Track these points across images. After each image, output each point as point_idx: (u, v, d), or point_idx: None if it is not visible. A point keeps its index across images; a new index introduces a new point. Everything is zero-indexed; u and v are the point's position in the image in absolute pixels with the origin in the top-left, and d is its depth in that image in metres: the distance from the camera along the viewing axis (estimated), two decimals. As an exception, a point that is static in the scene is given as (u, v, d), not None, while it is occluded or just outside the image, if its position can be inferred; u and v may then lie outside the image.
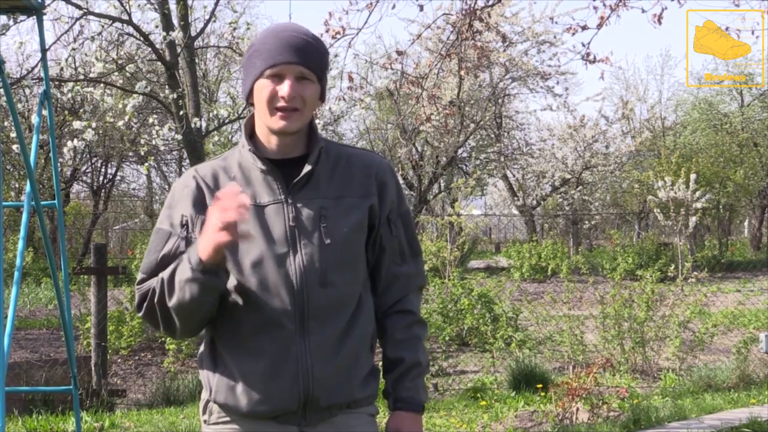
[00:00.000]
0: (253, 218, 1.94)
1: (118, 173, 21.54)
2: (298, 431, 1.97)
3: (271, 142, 2.00)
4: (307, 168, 1.97)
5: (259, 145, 2.02)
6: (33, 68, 7.52)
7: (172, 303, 1.88)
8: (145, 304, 1.95)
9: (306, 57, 1.94)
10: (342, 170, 2.03)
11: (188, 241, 1.95)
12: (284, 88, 1.92)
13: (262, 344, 1.93)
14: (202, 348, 2.06)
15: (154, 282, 1.93)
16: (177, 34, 7.52)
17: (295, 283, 1.92)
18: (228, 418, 2.00)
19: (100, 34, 7.73)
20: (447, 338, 8.31)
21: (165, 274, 1.90)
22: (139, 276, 1.99)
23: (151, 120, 9.78)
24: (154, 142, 8.74)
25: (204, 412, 2.05)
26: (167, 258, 1.95)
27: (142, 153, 10.59)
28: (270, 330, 1.92)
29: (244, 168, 2.00)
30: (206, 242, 1.79)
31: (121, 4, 7.49)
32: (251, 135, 2.03)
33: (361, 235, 2.01)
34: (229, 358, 1.97)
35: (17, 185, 17.44)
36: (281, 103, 1.93)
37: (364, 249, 2.03)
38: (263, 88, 1.94)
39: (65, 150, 8.61)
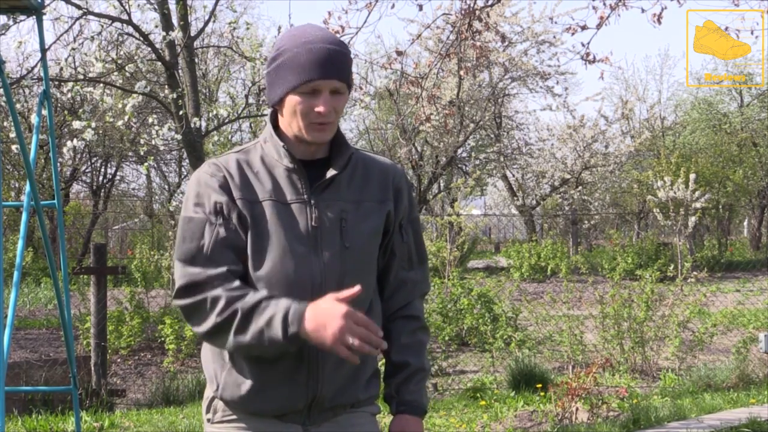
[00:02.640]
0: (277, 214, 1.94)
1: (118, 173, 21.55)
2: (302, 430, 1.98)
3: (298, 144, 2.00)
4: (333, 172, 1.98)
5: (286, 142, 2.01)
6: (33, 68, 7.51)
7: (239, 339, 1.85)
8: (192, 301, 1.89)
9: (340, 71, 1.94)
10: (360, 175, 2.03)
11: (227, 227, 1.91)
12: (321, 105, 1.92)
13: None
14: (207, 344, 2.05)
15: (210, 282, 1.87)
16: (177, 34, 7.52)
17: (313, 284, 1.92)
18: (234, 416, 2.00)
19: (99, 33, 7.73)
20: (447, 338, 8.31)
21: (242, 305, 1.84)
22: (179, 262, 1.93)
23: (150, 120, 9.78)
24: (153, 142, 8.74)
25: (208, 411, 2.05)
26: (209, 246, 1.90)
27: (142, 153, 10.59)
28: None
29: (268, 163, 1.99)
30: (327, 326, 1.77)
31: (121, 4, 7.49)
32: (277, 130, 2.03)
33: (377, 241, 2.03)
34: (238, 355, 1.96)
35: (17, 185, 17.44)
36: (319, 119, 1.93)
37: (377, 254, 2.05)
38: (298, 102, 1.93)
39: (65, 150, 8.62)
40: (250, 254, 1.92)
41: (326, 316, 1.78)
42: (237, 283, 1.88)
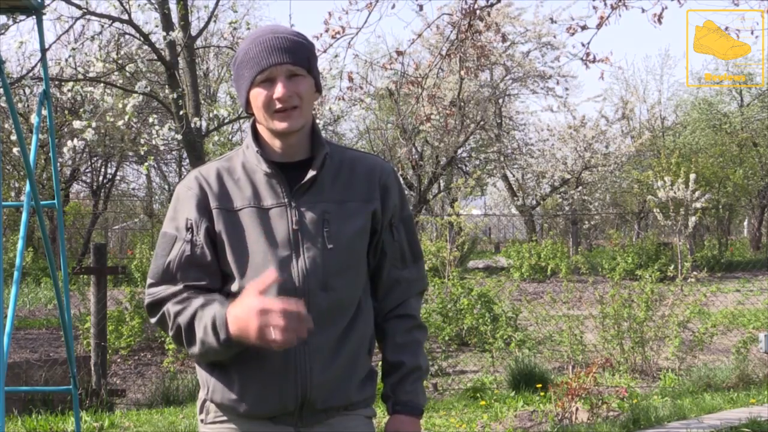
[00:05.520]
0: (257, 221, 1.95)
1: (118, 173, 21.55)
2: (294, 431, 1.98)
3: (275, 144, 2.00)
4: (312, 173, 1.97)
5: (264, 147, 2.02)
6: (33, 68, 7.51)
7: (192, 351, 1.91)
8: (157, 318, 1.97)
9: (291, 54, 1.94)
10: (345, 174, 2.03)
11: (193, 245, 1.95)
12: (278, 90, 1.93)
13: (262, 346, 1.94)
14: None
15: (166, 299, 1.94)
16: (177, 34, 7.53)
17: (297, 287, 1.92)
18: (225, 418, 2.00)
19: (100, 34, 7.74)
20: (446, 338, 8.32)
21: (182, 319, 1.89)
22: (149, 280, 2.00)
23: (151, 120, 9.78)
24: (154, 142, 8.74)
25: (201, 412, 2.06)
26: (174, 263, 1.96)
27: (142, 153, 10.59)
28: None
29: (248, 170, 2.00)
30: (248, 327, 1.77)
31: (121, 4, 7.49)
32: (256, 137, 2.04)
33: (363, 240, 2.02)
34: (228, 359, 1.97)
35: (17, 185, 17.44)
36: (278, 105, 1.94)
37: (365, 253, 2.04)
38: (258, 95, 1.95)
39: (65, 150, 8.60)
40: (233, 263, 1.93)
41: (244, 317, 1.78)
42: (185, 294, 1.92)
